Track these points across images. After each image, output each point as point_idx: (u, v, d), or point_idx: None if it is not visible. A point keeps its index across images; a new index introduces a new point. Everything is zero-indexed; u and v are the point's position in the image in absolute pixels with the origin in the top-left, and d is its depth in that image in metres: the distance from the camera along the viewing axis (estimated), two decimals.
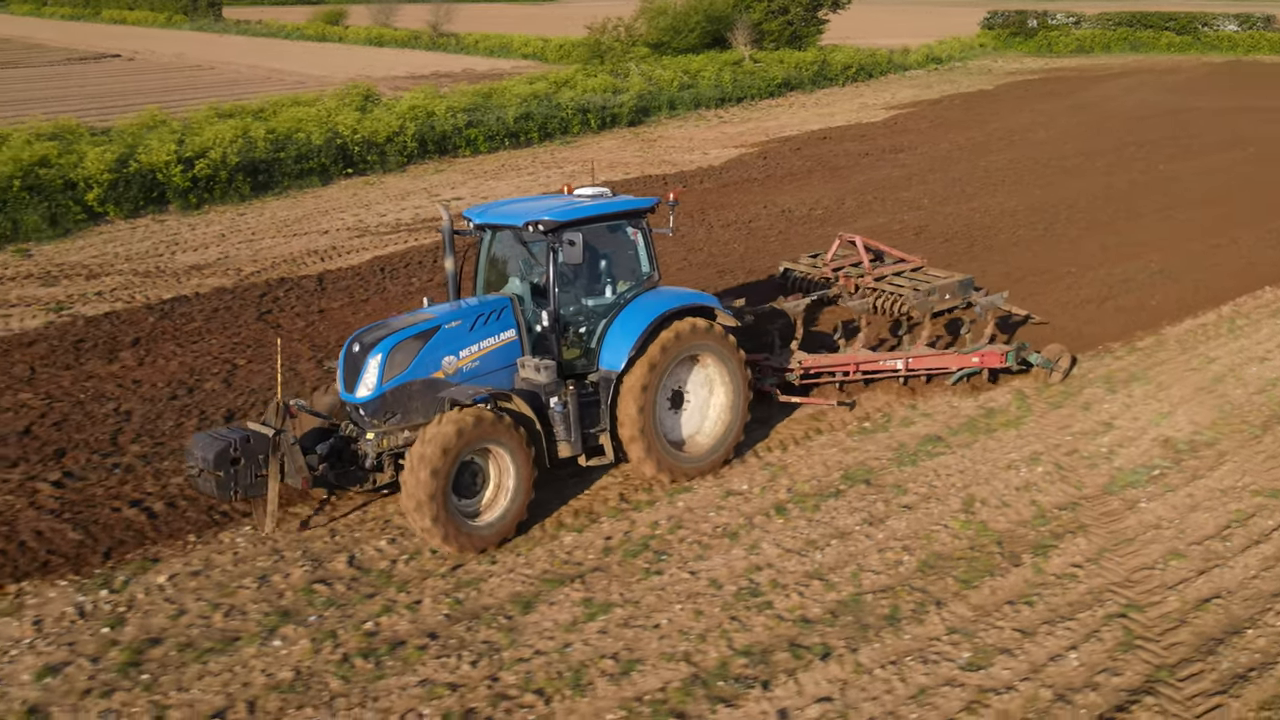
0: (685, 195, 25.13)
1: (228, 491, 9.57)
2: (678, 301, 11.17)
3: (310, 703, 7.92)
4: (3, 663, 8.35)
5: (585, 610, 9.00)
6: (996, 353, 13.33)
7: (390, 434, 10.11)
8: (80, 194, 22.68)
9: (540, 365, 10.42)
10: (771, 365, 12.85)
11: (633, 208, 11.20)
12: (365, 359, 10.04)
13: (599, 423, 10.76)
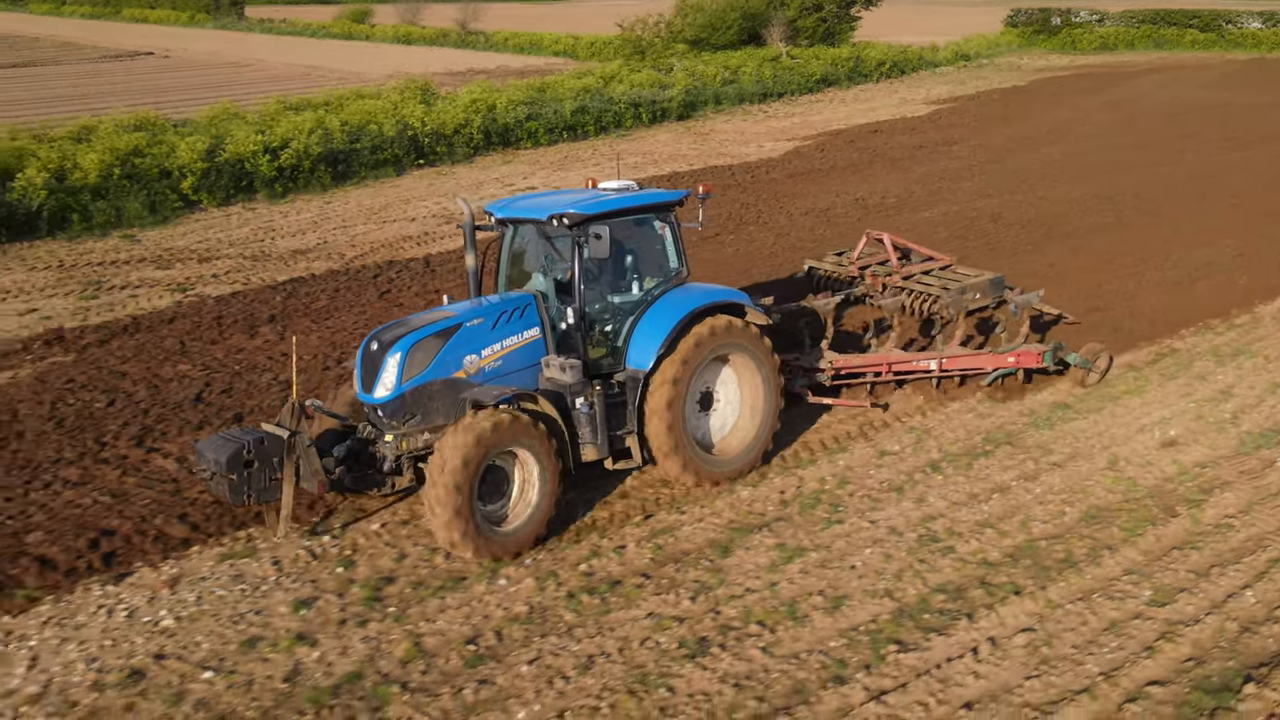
0: (761, 183, 25.86)
1: (240, 496, 9.23)
2: (707, 299, 10.79)
3: (550, 632, 8.58)
4: (258, 595, 9.01)
5: (781, 554, 9.66)
6: (1033, 352, 13.00)
7: (410, 436, 9.77)
8: (175, 182, 23.35)
9: (565, 365, 10.05)
10: (802, 365, 12.52)
11: (660, 201, 10.84)
12: (384, 358, 9.67)
13: (626, 424, 10.39)
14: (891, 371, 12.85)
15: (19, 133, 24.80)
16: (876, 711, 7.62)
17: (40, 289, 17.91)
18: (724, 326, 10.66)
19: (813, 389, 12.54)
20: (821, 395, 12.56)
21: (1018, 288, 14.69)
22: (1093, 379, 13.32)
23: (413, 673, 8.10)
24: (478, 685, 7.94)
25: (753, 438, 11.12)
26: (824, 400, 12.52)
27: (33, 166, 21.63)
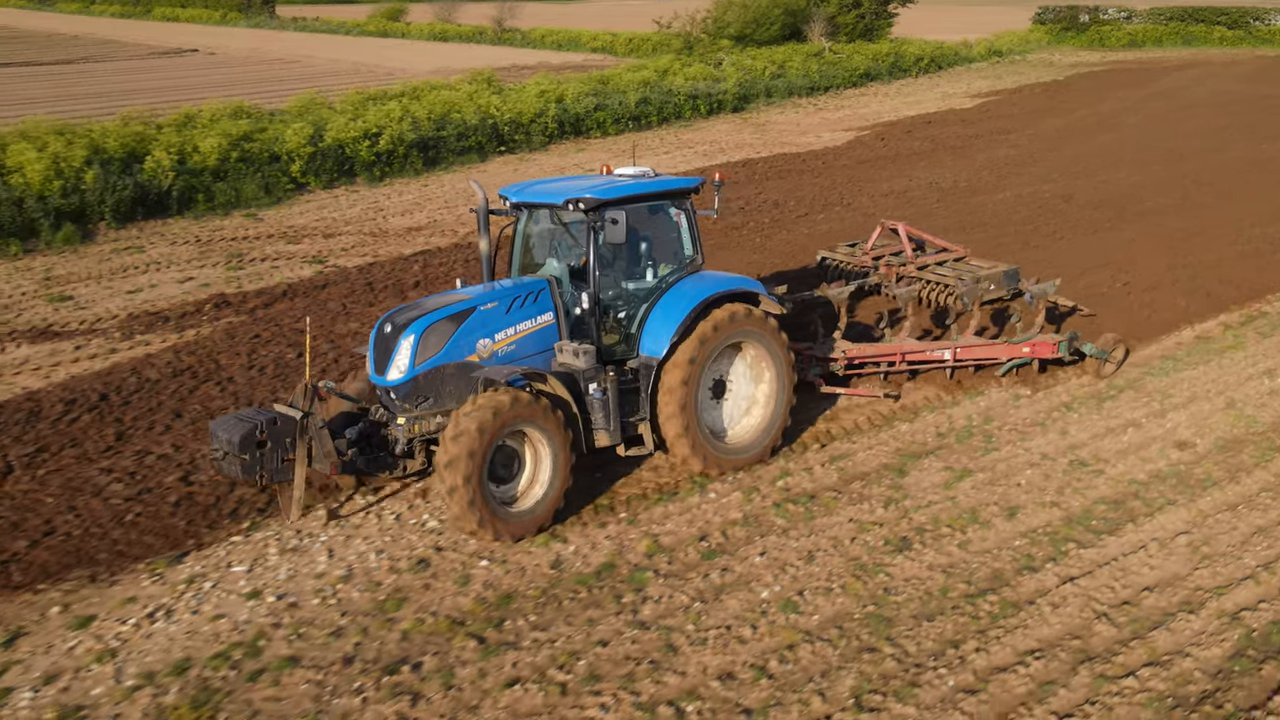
0: (834, 169, 27.09)
1: (253, 475, 9.29)
2: (721, 286, 10.77)
3: (768, 533, 9.83)
4: None
5: (951, 474, 10.90)
6: (1048, 343, 12.99)
7: (422, 419, 9.80)
8: (285, 166, 24.63)
9: (579, 350, 10.07)
10: (815, 355, 12.53)
11: (676, 187, 10.84)
12: (397, 340, 9.69)
13: (638, 411, 10.42)
14: (905, 361, 12.80)
15: (129, 119, 26.06)
16: (1071, 591, 8.85)
17: (187, 260, 19.19)
18: (737, 315, 10.62)
19: (826, 378, 12.57)
20: (835, 385, 12.60)
21: (1033, 277, 14.63)
22: (1108, 369, 13.30)
23: (659, 563, 9.34)
24: (720, 572, 9.18)
25: (765, 426, 11.10)
26: (837, 390, 12.56)
27: (158, 149, 22.91)
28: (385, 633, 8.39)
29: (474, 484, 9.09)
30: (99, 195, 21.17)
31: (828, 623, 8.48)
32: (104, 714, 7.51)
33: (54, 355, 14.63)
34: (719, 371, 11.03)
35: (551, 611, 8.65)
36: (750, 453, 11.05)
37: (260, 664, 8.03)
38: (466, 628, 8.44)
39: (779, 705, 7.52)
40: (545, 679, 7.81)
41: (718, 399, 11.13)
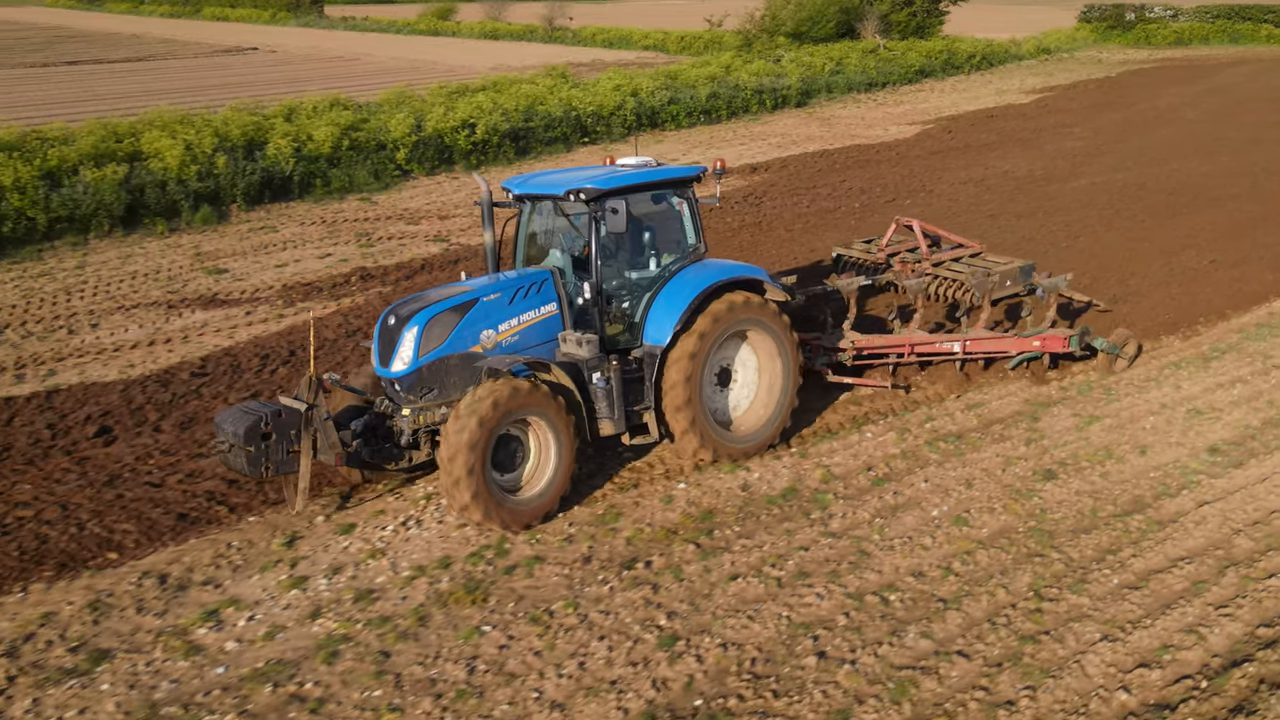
0: (907, 159, 28.20)
1: (259, 467, 9.31)
2: (725, 274, 10.78)
3: (925, 465, 11.04)
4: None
5: (1081, 420, 12.08)
6: (1059, 337, 12.96)
7: (427, 410, 9.85)
8: (391, 154, 26.02)
9: (582, 339, 10.11)
10: (823, 345, 12.58)
11: (677, 176, 10.87)
12: (401, 332, 9.75)
13: (643, 400, 10.46)
14: (914, 353, 12.84)
15: (239, 110, 27.51)
16: (1207, 512, 10.01)
17: (319, 239, 20.57)
18: (741, 303, 10.65)
19: (833, 368, 12.64)
20: (842, 375, 12.67)
21: (1045, 271, 14.47)
22: (1121, 365, 13.33)
23: (835, 488, 10.57)
24: (892, 495, 10.40)
25: (770, 414, 11.14)
26: (844, 380, 12.61)
27: (276, 138, 24.33)
28: (611, 539, 9.66)
29: (477, 474, 9.15)
30: (231, 179, 22.61)
31: (996, 535, 9.67)
32: (393, 595, 8.81)
33: (229, 319, 16.02)
34: (725, 359, 11.06)
35: (751, 524, 9.89)
36: (756, 440, 11.07)
37: (510, 561, 9.32)
38: (681, 535, 9.69)
39: (969, 595, 8.73)
40: (762, 574, 9.04)
41: (723, 387, 11.16)
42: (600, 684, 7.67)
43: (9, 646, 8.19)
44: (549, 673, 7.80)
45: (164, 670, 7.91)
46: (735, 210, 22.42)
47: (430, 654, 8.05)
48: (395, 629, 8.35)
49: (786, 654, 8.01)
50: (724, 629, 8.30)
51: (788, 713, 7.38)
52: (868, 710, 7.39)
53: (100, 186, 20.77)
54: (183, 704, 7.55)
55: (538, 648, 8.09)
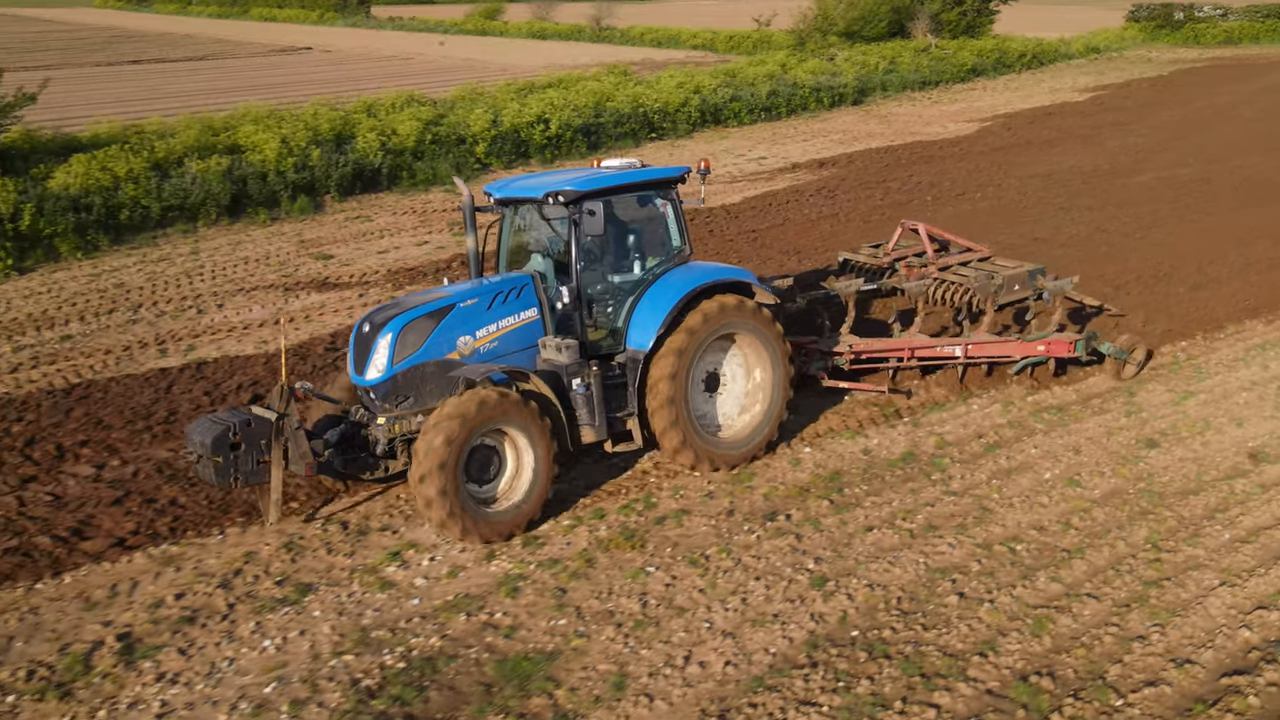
0: (971, 156, 28.80)
1: (227, 478, 9.13)
2: (710, 277, 10.58)
3: (1033, 434, 11.75)
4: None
5: (1175, 395, 12.79)
6: (1064, 341, 12.72)
7: (402, 418, 9.63)
8: (470, 148, 26.92)
9: (562, 345, 9.94)
10: (819, 349, 12.36)
11: (660, 177, 10.66)
12: (375, 339, 9.59)
13: (626, 406, 10.26)
14: (915, 357, 12.64)
15: (322, 104, 28.50)
16: None
17: (413, 228, 21.48)
18: (728, 306, 10.45)
19: (830, 373, 12.41)
20: (839, 379, 12.45)
21: (1051, 273, 14.13)
22: (1129, 371, 13.09)
23: (950, 453, 11.30)
24: (1005, 459, 11.11)
25: (760, 420, 10.94)
26: (840, 384, 12.39)
27: (363, 132, 25.30)
28: (749, 495, 10.43)
29: (448, 485, 8.98)
30: (325, 171, 23.58)
31: (1108, 495, 10.37)
32: (558, 541, 9.64)
33: (344, 301, 16.92)
34: (712, 364, 10.87)
35: (877, 483, 10.64)
36: (745, 446, 10.87)
37: (659, 513, 10.11)
38: (813, 493, 10.45)
39: (1090, 547, 9.43)
40: (895, 526, 9.79)
41: (711, 392, 10.97)
42: (763, 617, 8.44)
43: (222, 580, 9.06)
44: (715, 607, 8.58)
45: (365, 600, 8.76)
46: (811, 202, 23.14)
47: (603, 590, 8.85)
48: (566, 569, 9.16)
49: (928, 594, 8.74)
50: (868, 572, 9.05)
51: (938, 642, 8.11)
52: (1011, 641, 8.12)
53: (207, 177, 21.79)
54: (389, 629, 8.39)
55: (700, 586, 8.88)
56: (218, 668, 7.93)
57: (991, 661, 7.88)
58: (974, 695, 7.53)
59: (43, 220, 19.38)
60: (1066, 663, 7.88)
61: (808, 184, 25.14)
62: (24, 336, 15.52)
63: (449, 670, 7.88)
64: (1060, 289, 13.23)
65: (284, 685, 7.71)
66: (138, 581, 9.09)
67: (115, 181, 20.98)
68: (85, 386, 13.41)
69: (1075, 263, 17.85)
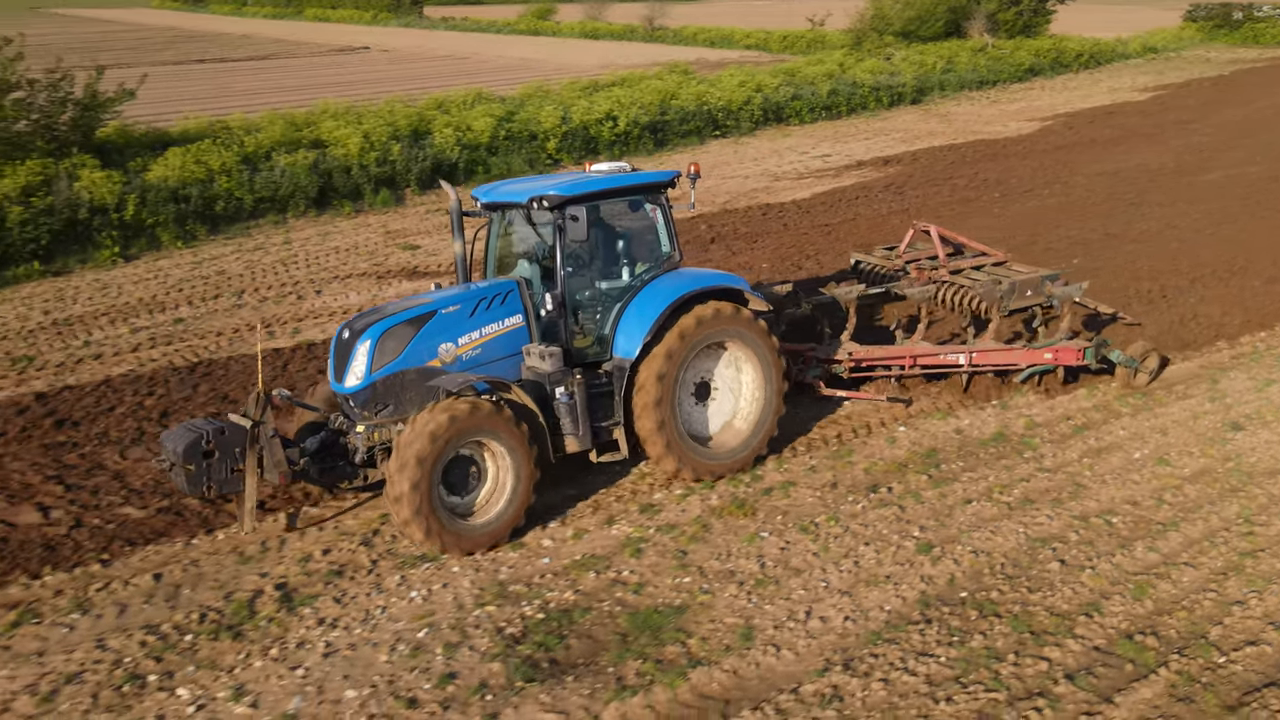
0: (1034, 154, 29.05)
1: (199, 487, 9.04)
2: (699, 284, 10.39)
3: (1117, 416, 12.16)
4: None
5: (1258, 382, 13.12)
6: (1073, 349, 12.45)
7: (382, 427, 9.49)
8: (542, 144, 27.60)
9: (545, 353, 9.75)
10: (817, 356, 12.19)
11: (647, 181, 10.48)
12: (354, 346, 9.49)
13: (612, 415, 10.07)
14: (917, 365, 12.43)
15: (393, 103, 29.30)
16: None
17: None
18: (717, 313, 10.25)
19: (827, 381, 12.25)
20: (836, 387, 12.27)
21: (1060, 279, 13.79)
22: (1141, 380, 12.76)
23: (1040, 433, 11.75)
24: (1094, 440, 11.55)
25: (752, 430, 10.75)
26: (837, 393, 12.21)
27: (439, 127, 26.06)
28: (850, 470, 10.95)
29: (423, 503, 8.88)
30: (405, 165, 24.35)
31: (1198, 474, 10.77)
32: (673, 509, 10.22)
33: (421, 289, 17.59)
34: (703, 373, 10.71)
35: (972, 460, 11.11)
36: (736, 457, 10.67)
37: (766, 485, 10.66)
38: (911, 468, 10.94)
39: (1184, 520, 9.85)
40: (993, 499, 10.27)
41: (702, 401, 10.80)
42: (875, 578, 8.96)
43: (363, 538, 9.72)
44: (829, 569, 9.11)
45: (498, 559, 9.38)
46: (880, 198, 23.56)
47: (722, 553, 9.40)
48: (684, 533, 9.73)
49: (1030, 561, 9.22)
50: (971, 540, 9.53)
51: (1044, 604, 8.59)
52: (1114, 604, 8.57)
53: (295, 170, 22.61)
54: (524, 584, 9.00)
55: (813, 550, 9.41)
56: (371, 615, 8.58)
57: (1097, 621, 8.34)
58: (1082, 651, 7.99)
59: (145, 211, 20.28)
60: (1169, 624, 8.32)
61: (874, 180, 25.55)
62: (139, 319, 16.34)
63: (585, 621, 8.46)
64: (1068, 296, 13.03)
65: (435, 631, 8.34)
66: (285, 539, 9.77)
67: (209, 174, 21.84)
68: (206, 365, 14.17)
69: (1147, 257, 18.21)
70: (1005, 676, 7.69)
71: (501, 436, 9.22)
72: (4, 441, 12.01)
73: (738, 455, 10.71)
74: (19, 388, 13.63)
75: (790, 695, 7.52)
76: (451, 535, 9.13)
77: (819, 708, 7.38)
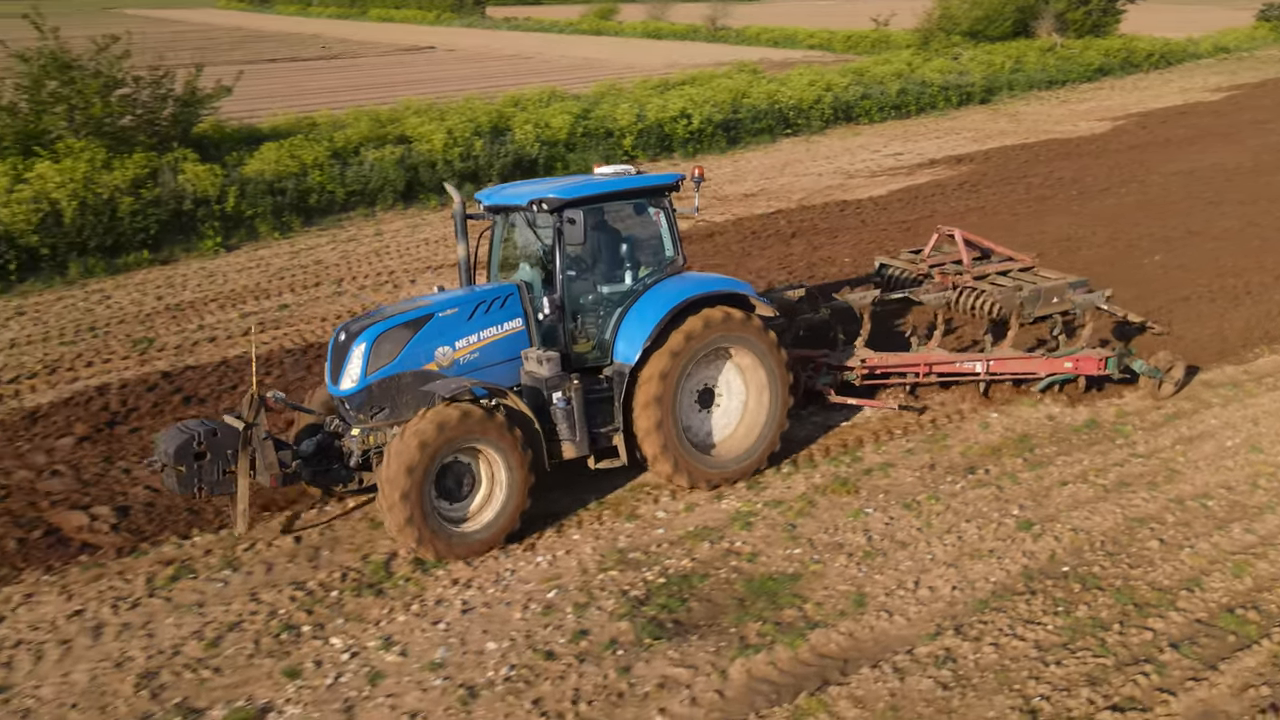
0: (1108, 154, 29.05)
1: (190, 488, 9.03)
2: (702, 288, 10.25)
3: (1208, 406, 12.41)
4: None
5: None
6: (1094, 358, 12.18)
7: (377, 430, 9.43)
8: (618, 140, 28.15)
9: (542, 357, 9.65)
10: (829, 363, 12.02)
11: (650, 185, 10.41)
12: (350, 348, 9.46)
13: (612, 421, 9.96)
14: (932, 372, 12.20)
15: (472, 100, 30.01)
16: None
17: None
18: (719, 319, 10.12)
19: (836, 388, 12.05)
20: (847, 395, 12.04)
21: (1082, 285, 13.71)
22: (1166, 390, 12.50)
23: (1131, 421, 12.07)
24: (1186, 428, 11.83)
25: (756, 438, 10.60)
26: (848, 400, 11.98)
27: (519, 125, 26.71)
28: (946, 453, 11.33)
29: (414, 512, 8.85)
30: (488, 160, 25.02)
31: None
32: (778, 486, 10.67)
33: None
34: (708, 379, 10.57)
35: (1066, 445, 11.44)
36: (740, 465, 10.54)
37: (865, 465, 11.09)
38: (1006, 452, 11.30)
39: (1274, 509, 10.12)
40: (1089, 482, 10.59)
41: (705, 408, 10.66)
42: (979, 552, 9.35)
43: None
44: (934, 543, 9.51)
45: (616, 529, 9.90)
46: (955, 195, 23.79)
47: (829, 527, 9.84)
48: (790, 509, 10.18)
49: (1129, 539, 9.54)
50: (1069, 519, 9.88)
51: (1145, 579, 8.92)
52: (1214, 580, 8.88)
53: (383, 165, 23.37)
54: (643, 551, 9.51)
55: (917, 525, 9.82)
56: (502, 577, 9.13)
57: (1198, 596, 8.66)
58: (1185, 623, 8.33)
59: (244, 202, 21.12)
60: (1269, 599, 8.62)
61: (949, 179, 25.76)
62: (245, 305, 17.12)
63: (704, 586, 8.95)
64: (1090, 304, 12.81)
65: (563, 592, 8.87)
66: None
67: (303, 168, 22.65)
68: (317, 348, 14.86)
69: (1230, 254, 18.31)
70: (1111, 644, 8.05)
71: (494, 443, 9.14)
72: (138, 415, 12.77)
73: (739, 464, 10.55)
74: (143, 367, 14.41)
75: (906, 655, 7.94)
76: (444, 543, 9.10)
77: (934, 667, 7.79)
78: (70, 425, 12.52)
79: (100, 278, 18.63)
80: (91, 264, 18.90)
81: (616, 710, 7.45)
